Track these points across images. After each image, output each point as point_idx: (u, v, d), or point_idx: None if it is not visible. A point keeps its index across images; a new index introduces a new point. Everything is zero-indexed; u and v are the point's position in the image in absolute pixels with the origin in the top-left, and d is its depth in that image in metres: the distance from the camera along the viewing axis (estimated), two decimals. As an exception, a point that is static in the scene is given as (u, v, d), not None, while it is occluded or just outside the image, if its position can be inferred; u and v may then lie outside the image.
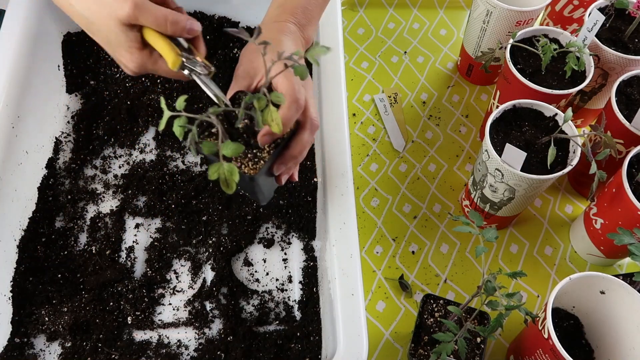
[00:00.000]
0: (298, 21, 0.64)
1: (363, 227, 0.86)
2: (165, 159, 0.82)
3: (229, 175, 0.47)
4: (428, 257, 0.84)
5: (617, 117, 0.74)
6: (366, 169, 0.92)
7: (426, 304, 0.71)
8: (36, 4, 0.81)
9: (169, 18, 0.54)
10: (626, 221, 0.70)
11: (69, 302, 0.70)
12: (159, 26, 0.54)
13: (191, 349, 0.70)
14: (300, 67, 0.51)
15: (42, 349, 0.69)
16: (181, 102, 0.49)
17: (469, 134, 0.96)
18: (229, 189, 0.48)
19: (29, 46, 0.78)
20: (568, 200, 0.90)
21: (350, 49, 1.05)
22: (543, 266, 0.84)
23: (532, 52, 0.80)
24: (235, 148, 0.49)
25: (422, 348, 0.68)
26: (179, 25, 0.55)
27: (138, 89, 0.85)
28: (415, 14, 1.11)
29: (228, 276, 0.73)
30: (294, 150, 0.59)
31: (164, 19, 0.54)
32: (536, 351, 0.63)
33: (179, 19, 0.54)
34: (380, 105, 0.98)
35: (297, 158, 0.59)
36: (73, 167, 0.80)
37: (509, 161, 0.69)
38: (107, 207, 0.79)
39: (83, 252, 0.75)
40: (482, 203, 0.80)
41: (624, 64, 0.80)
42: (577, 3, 0.92)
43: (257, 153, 0.57)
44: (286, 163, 0.60)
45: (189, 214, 0.78)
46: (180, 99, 0.49)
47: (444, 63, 1.05)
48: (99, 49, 0.88)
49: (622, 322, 0.66)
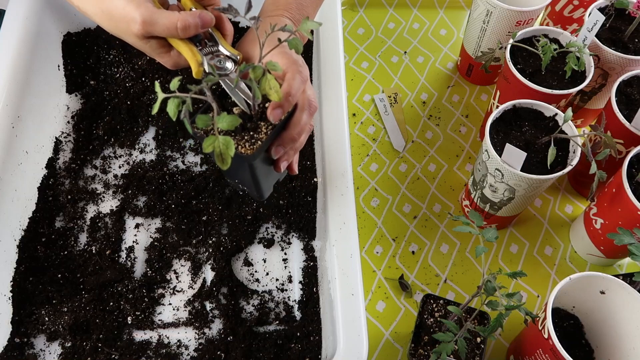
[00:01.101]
0: (293, 16, 0.64)
1: (363, 227, 0.86)
2: (165, 159, 0.82)
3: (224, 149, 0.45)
4: (428, 257, 0.84)
5: (617, 117, 0.74)
6: (366, 169, 0.92)
7: (426, 304, 0.71)
8: (36, 4, 0.81)
9: (179, 25, 0.54)
10: (626, 221, 0.70)
11: (69, 302, 0.70)
12: (172, 35, 0.55)
13: (191, 349, 0.70)
14: (294, 40, 0.50)
15: (42, 349, 0.69)
16: (175, 82, 0.47)
17: (469, 134, 0.96)
18: (224, 164, 0.46)
19: (29, 46, 0.78)
20: (568, 200, 0.90)
21: (350, 49, 1.05)
22: (543, 266, 0.84)
23: (532, 52, 0.80)
24: (231, 120, 0.46)
25: (422, 348, 0.68)
26: (190, 28, 0.55)
27: (138, 89, 0.85)
28: (415, 14, 1.11)
29: (228, 276, 0.73)
30: (292, 131, 0.57)
31: (174, 28, 0.54)
32: (536, 351, 0.63)
33: (188, 23, 0.54)
34: (380, 105, 0.98)
35: (296, 141, 0.58)
36: (73, 167, 0.80)
37: (509, 161, 0.69)
38: (107, 207, 0.79)
39: (83, 252, 0.75)
40: (482, 203, 0.80)
41: (624, 64, 0.80)
42: (577, 3, 0.92)
43: (254, 135, 0.55)
44: (284, 145, 0.58)
45: (189, 214, 0.78)
46: (174, 80, 0.47)
47: (444, 63, 1.05)
48: (99, 49, 0.88)
49: (622, 322, 0.66)
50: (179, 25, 0.54)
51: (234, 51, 0.59)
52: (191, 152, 0.83)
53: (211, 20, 0.57)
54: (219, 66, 0.58)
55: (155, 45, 0.56)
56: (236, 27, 0.88)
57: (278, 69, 0.50)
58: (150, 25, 0.54)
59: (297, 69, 0.56)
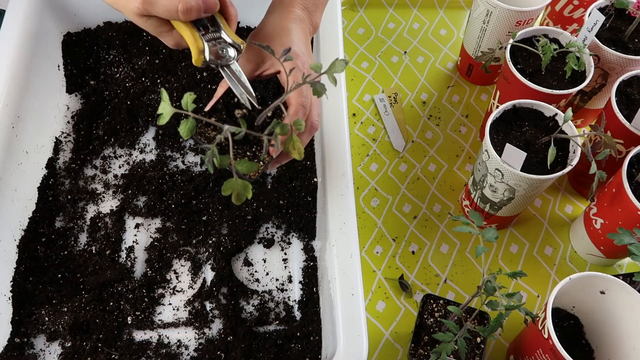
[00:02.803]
0: (306, 6, 0.64)
1: (363, 227, 0.86)
2: (165, 159, 0.82)
3: (241, 191, 0.48)
4: (428, 257, 0.84)
5: (617, 117, 0.74)
6: (366, 169, 0.92)
7: (426, 304, 0.71)
8: (36, 4, 0.81)
9: (180, 8, 0.51)
10: (626, 221, 0.70)
11: (69, 302, 0.70)
12: (172, 17, 0.53)
13: (191, 349, 0.70)
14: (319, 86, 0.50)
15: (42, 349, 0.69)
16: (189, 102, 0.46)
17: (469, 134, 0.96)
18: (239, 202, 0.48)
19: (29, 46, 0.78)
20: (568, 200, 0.90)
21: (350, 49, 1.05)
22: (543, 266, 0.84)
23: (532, 52, 0.80)
24: (249, 166, 0.48)
25: (422, 348, 0.68)
26: (192, 12, 0.52)
27: (138, 89, 0.85)
28: (415, 14, 1.11)
29: (228, 276, 0.73)
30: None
31: (175, 10, 0.52)
32: (536, 351, 0.63)
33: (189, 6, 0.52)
34: (380, 105, 0.98)
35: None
36: (73, 167, 0.80)
37: (509, 161, 0.69)
38: (107, 207, 0.79)
39: (83, 252, 0.75)
40: (482, 203, 0.80)
41: (624, 64, 0.80)
42: (577, 3, 0.92)
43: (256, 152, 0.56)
44: (282, 162, 0.61)
45: (189, 214, 0.78)
46: (187, 98, 0.47)
47: (444, 63, 1.05)
48: (99, 49, 0.88)
49: (622, 322, 0.66)
50: (180, 7, 0.51)
51: (237, 39, 0.57)
52: (191, 152, 0.83)
53: (215, 5, 0.54)
54: (220, 54, 0.55)
55: (155, 24, 0.54)
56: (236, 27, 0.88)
57: (301, 128, 0.50)
58: (149, 4, 0.51)
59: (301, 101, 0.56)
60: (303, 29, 0.63)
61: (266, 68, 0.61)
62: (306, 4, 0.64)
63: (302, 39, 0.62)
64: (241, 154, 0.55)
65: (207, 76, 0.84)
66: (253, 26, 0.88)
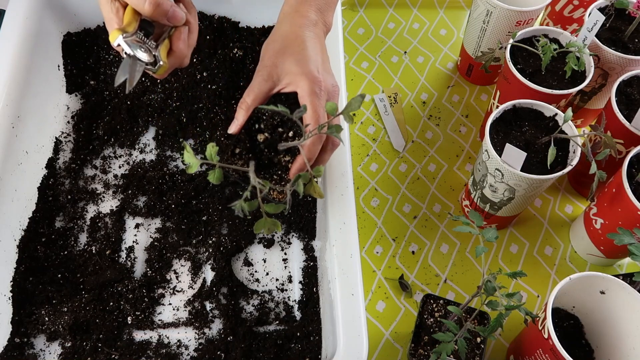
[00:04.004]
0: (319, 8, 0.63)
1: (363, 227, 0.86)
2: (165, 159, 0.82)
3: (272, 227, 0.52)
4: (428, 257, 0.84)
5: (617, 117, 0.74)
6: (366, 169, 0.92)
7: (426, 304, 0.71)
8: (36, 4, 0.81)
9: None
10: (626, 221, 0.70)
11: (69, 302, 0.70)
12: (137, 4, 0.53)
13: (191, 349, 0.70)
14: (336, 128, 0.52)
15: (42, 349, 0.69)
16: (213, 154, 0.49)
17: (469, 134, 0.96)
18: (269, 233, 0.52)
19: (29, 46, 0.78)
20: (568, 200, 0.90)
21: (350, 49, 1.05)
22: (543, 266, 0.84)
23: (532, 52, 0.80)
24: (276, 208, 0.52)
25: (422, 348, 0.68)
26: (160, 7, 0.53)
27: (138, 89, 0.85)
28: (415, 14, 1.11)
29: (228, 276, 0.73)
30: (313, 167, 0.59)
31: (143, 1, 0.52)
32: (536, 351, 0.63)
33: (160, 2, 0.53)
34: (380, 105, 0.98)
35: None
36: (73, 167, 0.80)
37: (509, 161, 0.69)
38: (107, 207, 0.79)
39: (83, 252, 0.75)
40: (482, 203, 0.80)
41: (624, 64, 0.80)
42: (577, 3, 0.92)
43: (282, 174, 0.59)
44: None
45: (189, 214, 0.78)
46: (210, 150, 0.49)
47: (444, 63, 1.05)
48: (99, 49, 0.88)
49: (622, 322, 0.66)
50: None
51: (164, 59, 0.58)
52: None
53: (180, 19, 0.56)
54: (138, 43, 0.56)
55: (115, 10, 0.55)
56: (236, 27, 0.88)
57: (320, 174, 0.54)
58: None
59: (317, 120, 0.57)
60: (317, 34, 0.62)
61: (283, 87, 0.60)
62: (319, 5, 0.63)
63: (317, 48, 0.61)
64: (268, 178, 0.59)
65: (207, 76, 0.84)
66: (253, 26, 0.88)
